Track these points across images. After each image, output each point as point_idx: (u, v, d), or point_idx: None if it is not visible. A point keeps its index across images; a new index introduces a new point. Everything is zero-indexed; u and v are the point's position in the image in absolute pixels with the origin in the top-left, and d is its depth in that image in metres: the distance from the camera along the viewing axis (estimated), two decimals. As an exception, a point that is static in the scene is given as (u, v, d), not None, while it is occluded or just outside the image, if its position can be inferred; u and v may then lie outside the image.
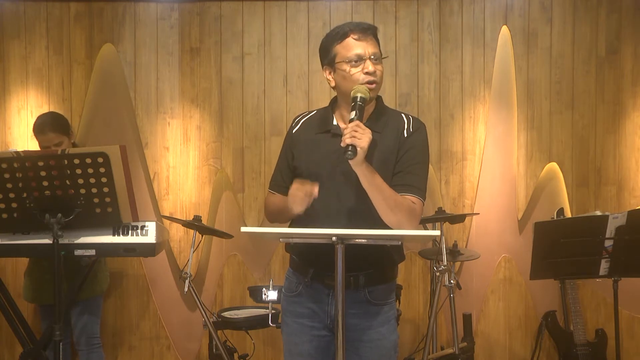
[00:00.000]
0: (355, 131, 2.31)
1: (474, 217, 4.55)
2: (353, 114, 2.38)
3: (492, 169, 4.63)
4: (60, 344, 2.89)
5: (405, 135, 2.54)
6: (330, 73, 2.56)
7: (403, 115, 2.61)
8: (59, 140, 3.90)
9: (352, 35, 2.48)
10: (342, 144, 2.32)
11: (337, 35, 2.52)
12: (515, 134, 4.63)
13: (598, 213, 3.73)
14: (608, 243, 3.51)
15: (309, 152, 2.58)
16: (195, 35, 4.60)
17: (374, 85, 2.48)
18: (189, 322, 4.59)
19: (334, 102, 2.66)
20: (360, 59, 2.47)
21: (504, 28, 4.63)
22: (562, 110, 4.63)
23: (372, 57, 2.48)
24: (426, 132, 2.61)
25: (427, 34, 4.62)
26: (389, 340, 2.58)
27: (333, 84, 2.56)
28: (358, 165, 2.35)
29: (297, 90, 4.61)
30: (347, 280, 2.37)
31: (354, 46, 2.47)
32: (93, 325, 3.97)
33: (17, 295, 3.96)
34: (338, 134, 2.49)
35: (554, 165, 4.63)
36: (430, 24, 4.62)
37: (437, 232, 2.30)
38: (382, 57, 2.53)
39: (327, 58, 2.55)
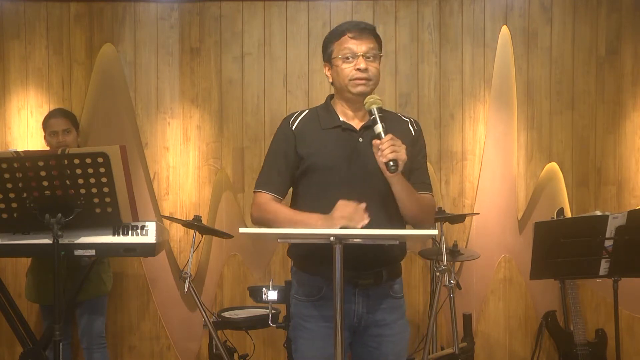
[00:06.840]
0: (394, 145, 2.37)
1: (474, 217, 4.55)
2: (380, 127, 2.42)
3: (492, 169, 4.63)
4: (60, 344, 2.89)
5: (414, 133, 2.67)
6: (328, 69, 2.66)
7: (399, 114, 2.73)
8: (67, 126, 3.99)
9: (348, 34, 2.59)
10: (383, 159, 2.37)
11: (336, 33, 2.63)
12: (515, 134, 4.63)
13: (598, 213, 3.73)
14: (608, 243, 3.51)
15: (320, 145, 2.59)
16: (195, 35, 4.60)
17: (364, 82, 2.55)
18: (189, 322, 4.59)
19: (330, 99, 2.72)
20: (353, 56, 2.56)
21: (504, 28, 4.63)
22: (562, 110, 4.63)
23: (366, 54, 2.56)
24: None
25: (427, 34, 4.62)
26: (407, 332, 2.67)
27: (331, 80, 2.66)
28: (396, 177, 2.43)
29: (297, 90, 4.61)
30: (373, 276, 2.51)
31: (349, 43, 2.57)
32: (99, 325, 3.99)
33: (17, 295, 3.96)
34: (349, 128, 2.60)
35: (554, 165, 4.63)
36: (430, 24, 4.62)
37: (434, 231, 2.28)
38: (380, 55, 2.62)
39: (326, 54, 2.66)
